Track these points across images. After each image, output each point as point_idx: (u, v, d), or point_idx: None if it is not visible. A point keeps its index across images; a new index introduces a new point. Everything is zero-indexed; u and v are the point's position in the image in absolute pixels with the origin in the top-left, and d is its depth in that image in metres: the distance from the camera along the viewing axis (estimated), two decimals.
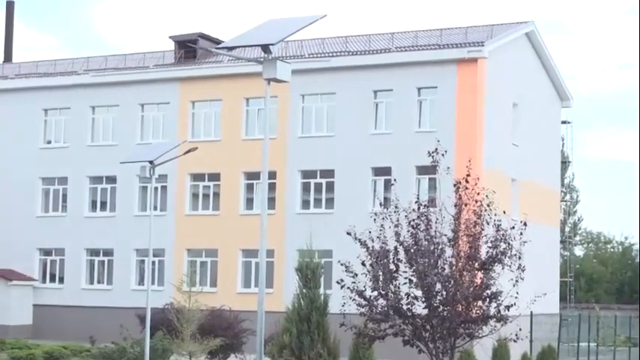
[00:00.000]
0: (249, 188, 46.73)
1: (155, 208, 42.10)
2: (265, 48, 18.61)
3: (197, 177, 47.94)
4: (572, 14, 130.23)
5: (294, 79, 19.96)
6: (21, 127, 51.55)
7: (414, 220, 18.82)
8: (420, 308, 18.55)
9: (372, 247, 18.84)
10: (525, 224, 19.77)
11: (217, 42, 47.30)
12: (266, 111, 19.88)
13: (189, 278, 37.97)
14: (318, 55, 46.21)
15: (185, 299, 34.38)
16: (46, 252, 51.15)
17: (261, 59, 18.55)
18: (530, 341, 33.95)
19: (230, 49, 21.57)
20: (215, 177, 47.52)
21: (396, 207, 19.46)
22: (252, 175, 45.51)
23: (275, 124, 44.19)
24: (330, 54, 46.22)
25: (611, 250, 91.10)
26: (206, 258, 47.37)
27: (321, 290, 18.80)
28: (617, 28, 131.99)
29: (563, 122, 54.36)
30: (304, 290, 18.72)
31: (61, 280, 50.58)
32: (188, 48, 49.49)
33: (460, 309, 18.28)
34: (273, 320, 20.66)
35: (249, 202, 46.58)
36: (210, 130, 47.96)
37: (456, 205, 19.01)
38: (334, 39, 48.78)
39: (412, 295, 18.55)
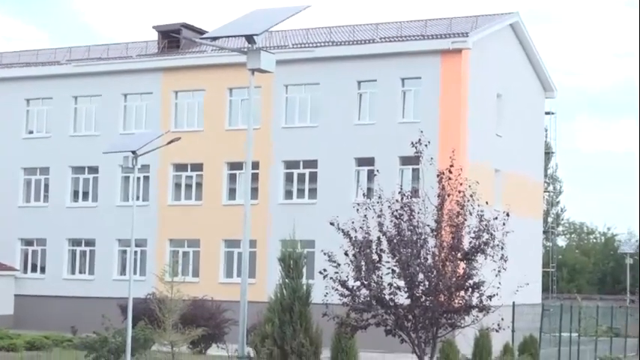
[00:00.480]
0: (232, 178, 46.75)
1: (137, 198, 42.06)
2: (249, 38, 18.63)
3: (180, 167, 47.92)
4: (559, 4, 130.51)
5: (277, 69, 20.00)
6: (3, 117, 51.47)
7: (397, 210, 18.86)
8: (402, 298, 18.60)
9: (355, 237, 18.88)
10: (508, 215, 19.86)
11: (201, 32, 47.35)
12: (250, 101, 19.95)
13: (172, 268, 37.97)
14: (302, 46, 46.23)
15: (167, 289, 34.42)
16: (28, 242, 51.09)
17: (245, 49, 18.58)
18: (513, 331, 34.10)
19: (214, 39, 21.59)
20: (198, 167, 47.52)
21: (379, 197, 19.50)
22: (235, 166, 45.54)
23: (258, 114, 44.17)
24: (314, 44, 46.24)
25: (594, 240, 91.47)
26: (188, 248, 47.40)
27: (304, 280, 18.83)
28: (605, 19, 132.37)
29: (547, 113, 54.58)
30: (287, 280, 18.75)
31: (43, 270, 50.52)
32: (171, 38, 49.42)
33: (442, 299, 18.35)
34: (256, 310, 20.72)
35: (232, 193, 46.60)
36: (194, 121, 47.93)
37: (439, 196, 19.07)
38: (318, 29, 48.80)
39: (395, 285, 18.60)
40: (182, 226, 47.17)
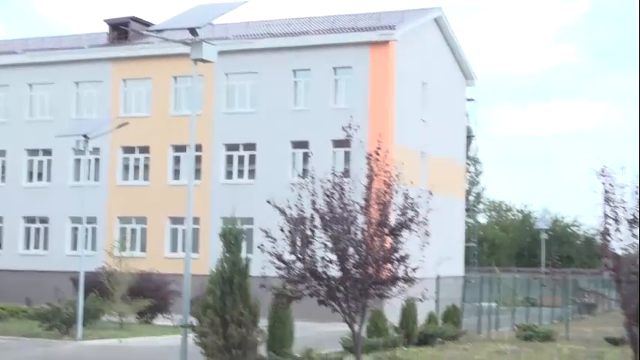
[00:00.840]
0: (177, 160, 46.53)
1: (89, 179, 41.62)
2: (192, 31, 18.53)
3: (128, 150, 47.59)
4: None
5: (219, 59, 19.92)
6: None
7: (329, 189, 18.84)
8: (334, 271, 18.60)
9: (290, 214, 18.86)
10: (431, 193, 19.94)
11: (148, 25, 46.90)
12: (193, 89, 19.82)
13: (120, 244, 37.84)
14: (242, 38, 46.07)
15: (116, 263, 34.30)
16: None
17: (189, 41, 18.45)
18: (437, 301, 34.38)
19: (160, 31, 21.45)
20: (145, 150, 47.22)
21: (312, 177, 19.48)
22: (180, 148, 45.28)
23: (201, 101, 43.96)
24: (253, 36, 46.14)
25: (512, 217, 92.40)
26: (136, 225, 47.12)
27: (243, 254, 18.83)
28: (528, 11, 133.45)
29: (468, 100, 54.93)
30: (227, 255, 18.69)
31: (0, 245, 49.93)
32: (121, 30, 49.25)
33: (371, 271, 18.36)
34: (199, 283, 20.65)
35: (177, 173, 46.39)
36: (141, 107, 47.60)
37: (367, 176, 19.05)
38: (257, 23, 48.68)
39: (327, 258, 18.61)
40: (130, 205, 46.90)
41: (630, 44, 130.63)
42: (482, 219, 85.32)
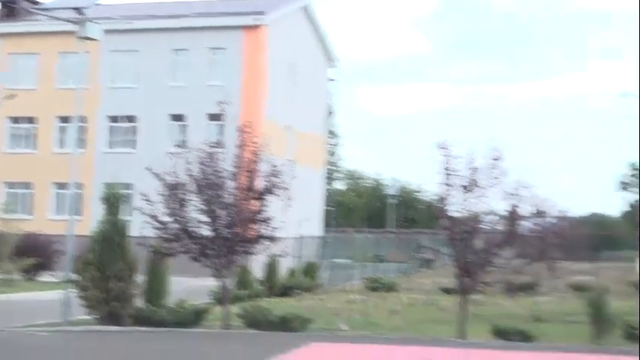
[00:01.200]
0: (63, 130, 45.61)
1: None
2: (79, 10, 18.26)
3: (16, 120, 46.41)
4: None
5: (104, 37, 19.72)
6: None
7: (203, 158, 18.95)
8: (206, 231, 18.78)
9: (167, 180, 18.91)
10: (294, 162, 20.33)
11: (37, 3, 45.86)
12: (78, 65, 19.55)
13: (7, 207, 36.97)
14: (126, 18, 45.31)
15: (3, 225, 33.49)
16: None
17: (76, 20, 18.18)
18: (299, 257, 34.91)
19: (47, 9, 21.01)
20: (32, 120, 46.18)
21: (188, 147, 19.55)
22: (65, 119, 44.35)
23: (87, 76, 43.10)
24: (137, 17, 45.42)
25: (366, 185, 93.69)
26: (23, 190, 46.08)
27: (123, 217, 18.83)
28: (385, 3, 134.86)
29: (330, 80, 55.47)
30: (108, 216, 18.69)
31: None
32: (10, 7, 47.79)
33: (239, 231, 18.62)
34: (82, 242, 20.50)
35: (62, 142, 45.49)
36: (29, 80, 46.38)
37: (238, 147, 19.24)
38: (142, 4, 48.07)
39: (199, 220, 18.78)
40: (18, 171, 45.82)
41: (473, 36, 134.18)
42: (339, 186, 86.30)
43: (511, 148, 18.51)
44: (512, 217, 18.28)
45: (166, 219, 18.70)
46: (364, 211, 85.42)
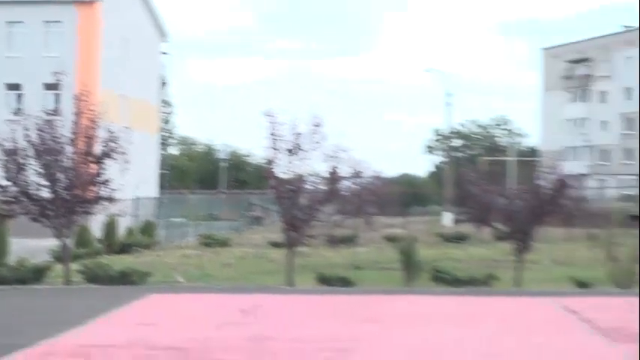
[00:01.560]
0: None
1: None
2: None
3: None
4: None
5: None
6: None
7: (41, 125, 18.10)
8: (46, 193, 17.99)
9: (5, 146, 17.96)
10: (130, 129, 19.72)
11: None
12: None
13: None
14: None
15: None
16: None
17: None
18: (136, 217, 34.16)
19: None
20: None
21: (26, 115, 18.61)
22: None
23: None
24: None
25: (198, 150, 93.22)
26: None
27: None
28: None
29: (163, 53, 54.45)
30: None
31: None
32: None
33: (78, 193, 17.95)
34: None
35: None
36: None
37: (75, 114, 18.47)
38: None
39: (40, 183, 17.96)
40: None
41: (293, 14, 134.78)
42: (173, 151, 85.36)
43: (330, 117, 18.78)
44: (333, 177, 18.59)
45: (5, 183, 17.78)
46: (197, 173, 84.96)
